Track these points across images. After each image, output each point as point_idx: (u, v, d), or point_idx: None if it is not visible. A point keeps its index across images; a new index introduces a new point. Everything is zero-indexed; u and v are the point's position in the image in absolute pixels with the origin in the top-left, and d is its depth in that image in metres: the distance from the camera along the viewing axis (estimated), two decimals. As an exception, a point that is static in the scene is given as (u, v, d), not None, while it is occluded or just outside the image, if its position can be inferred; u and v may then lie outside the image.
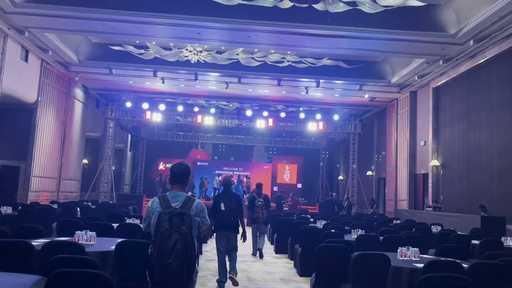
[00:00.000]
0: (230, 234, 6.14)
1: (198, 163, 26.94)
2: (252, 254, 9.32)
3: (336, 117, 19.81)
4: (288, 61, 14.13)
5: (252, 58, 14.09)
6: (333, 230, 7.17)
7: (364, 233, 6.82)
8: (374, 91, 16.37)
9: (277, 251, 9.90)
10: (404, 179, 16.32)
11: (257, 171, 26.81)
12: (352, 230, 7.02)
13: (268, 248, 10.66)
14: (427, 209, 12.73)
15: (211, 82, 16.39)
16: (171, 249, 2.89)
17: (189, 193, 3.55)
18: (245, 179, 23.90)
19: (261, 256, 9.02)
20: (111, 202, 16.87)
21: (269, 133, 25.58)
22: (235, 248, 6.26)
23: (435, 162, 14.11)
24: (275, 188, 26.57)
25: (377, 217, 12.36)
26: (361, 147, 20.79)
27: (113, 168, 24.20)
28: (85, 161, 21.37)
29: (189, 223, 3.01)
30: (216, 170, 25.43)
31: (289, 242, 9.00)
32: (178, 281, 2.97)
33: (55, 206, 10.73)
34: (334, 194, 16.11)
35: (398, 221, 11.49)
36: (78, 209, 10.20)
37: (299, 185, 26.52)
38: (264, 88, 16.82)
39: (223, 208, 6.05)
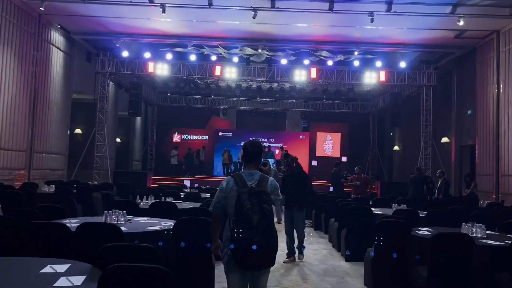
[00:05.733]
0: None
1: (220, 133, 22.27)
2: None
3: (403, 64, 14.56)
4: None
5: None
6: None
7: None
8: (472, 15, 11.07)
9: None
10: (515, 146, 11.17)
11: (292, 142, 21.90)
12: None
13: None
14: None
15: (232, 11, 11.46)
16: (256, 227, 2.88)
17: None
18: (279, 151, 19.10)
19: None
20: (96, 183, 12.40)
21: (306, 95, 20.63)
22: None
23: None
24: (314, 163, 21.71)
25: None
26: (433, 105, 15.56)
27: (119, 140, 19.94)
28: (77, 130, 17.09)
29: (269, 201, 3.00)
30: (242, 142, 20.66)
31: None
32: (265, 259, 2.95)
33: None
34: (422, 168, 11.03)
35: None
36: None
37: (344, 158, 21.46)
38: (309, 17, 11.73)
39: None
